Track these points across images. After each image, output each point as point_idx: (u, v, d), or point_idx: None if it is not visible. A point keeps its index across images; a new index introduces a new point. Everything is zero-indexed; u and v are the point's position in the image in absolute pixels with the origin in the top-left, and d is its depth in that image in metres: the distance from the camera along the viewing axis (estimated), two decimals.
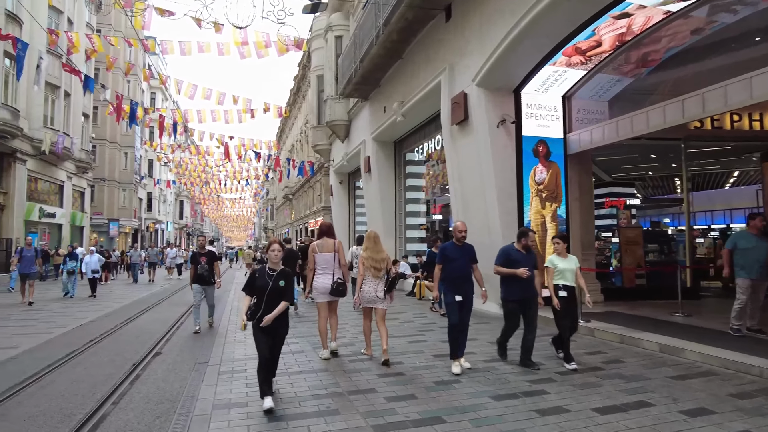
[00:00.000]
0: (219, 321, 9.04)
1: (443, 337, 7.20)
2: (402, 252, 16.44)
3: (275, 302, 4.23)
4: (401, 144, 16.66)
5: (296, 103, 47.17)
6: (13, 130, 17.57)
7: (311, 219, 37.69)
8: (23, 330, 8.22)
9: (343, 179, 23.97)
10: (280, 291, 4.27)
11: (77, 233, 26.47)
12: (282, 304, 4.26)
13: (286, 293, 4.30)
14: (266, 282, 4.26)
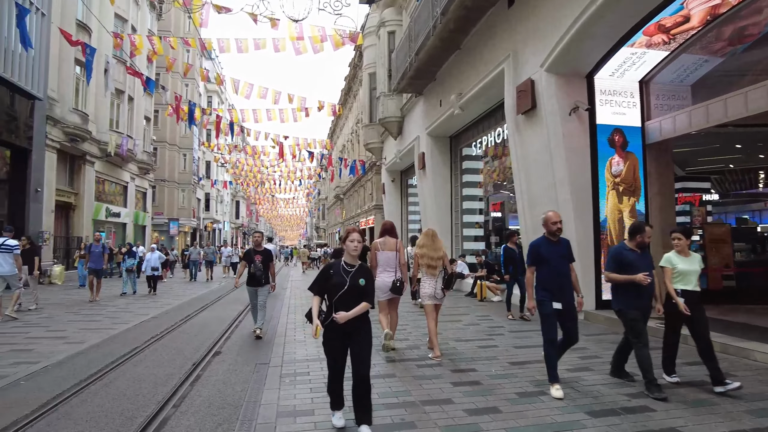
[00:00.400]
0: (277, 319, 8.85)
1: (516, 342, 6.66)
2: (459, 251, 15.85)
3: (352, 305, 3.45)
4: (457, 139, 16.06)
5: (347, 102, 47.33)
6: (83, 134, 18.40)
7: (362, 218, 37.62)
8: (90, 325, 8.33)
9: (395, 177, 23.61)
10: (360, 291, 3.49)
11: (140, 232, 27.56)
12: (362, 304, 3.47)
13: (366, 294, 3.51)
14: (342, 280, 3.48)
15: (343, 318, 3.39)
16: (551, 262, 4.61)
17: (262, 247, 7.72)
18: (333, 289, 3.51)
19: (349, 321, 3.41)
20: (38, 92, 15.56)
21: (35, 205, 15.60)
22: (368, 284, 3.56)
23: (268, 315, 9.33)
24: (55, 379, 4.98)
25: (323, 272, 3.65)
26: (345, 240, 3.64)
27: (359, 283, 3.51)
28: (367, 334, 3.57)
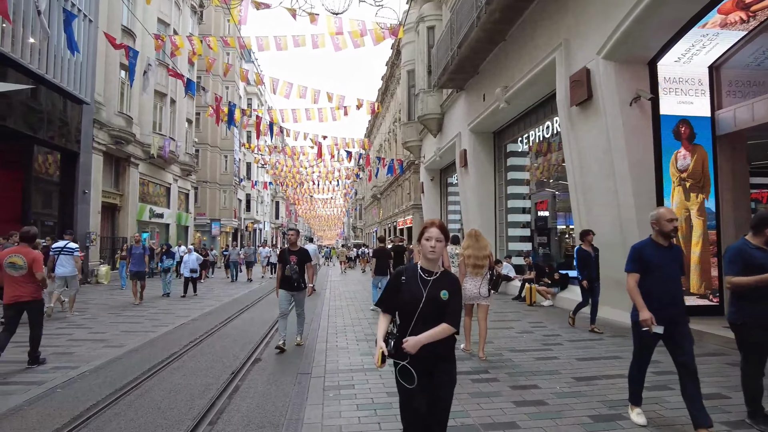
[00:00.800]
0: (317, 322, 8.55)
1: (578, 353, 6.07)
2: (503, 252, 15.18)
3: (431, 323, 2.50)
4: (501, 134, 15.40)
5: (385, 102, 47.03)
6: (127, 136, 18.80)
7: (400, 218, 37.21)
8: (131, 327, 8.26)
9: (434, 176, 23.07)
10: (440, 308, 2.52)
11: (183, 232, 28.09)
12: (441, 326, 2.48)
13: (450, 313, 2.53)
14: (417, 291, 2.54)
15: (413, 345, 2.43)
16: (662, 270, 3.65)
17: (297, 246, 6.95)
18: (405, 304, 2.57)
19: (424, 351, 2.45)
20: (86, 97, 15.93)
21: (83, 206, 15.98)
22: (453, 299, 2.55)
23: (308, 317, 9.14)
24: (90, 388, 4.79)
25: (393, 281, 2.70)
26: (421, 237, 2.65)
27: (440, 297, 2.53)
28: (449, 376, 2.55)
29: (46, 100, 14.21)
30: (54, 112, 14.59)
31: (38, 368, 5.50)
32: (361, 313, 9.70)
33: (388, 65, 39.91)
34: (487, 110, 13.94)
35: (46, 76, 13.82)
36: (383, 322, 2.66)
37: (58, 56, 14.46)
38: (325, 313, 9.73)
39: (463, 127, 16.33)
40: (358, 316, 9.37)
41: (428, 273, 2.61)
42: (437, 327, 2.48)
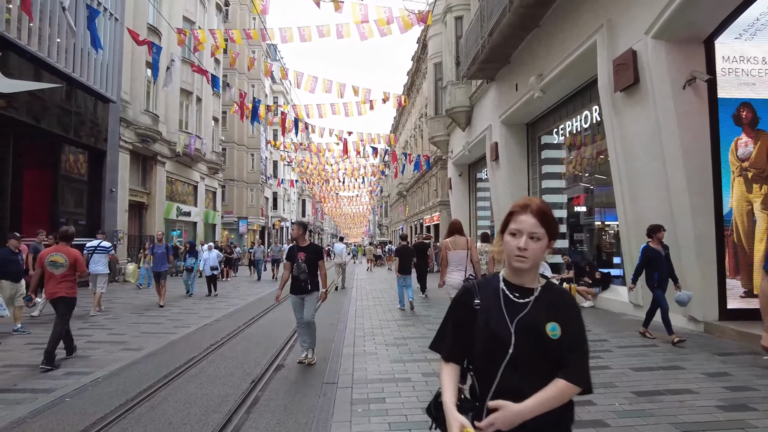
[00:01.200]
0: (344, 323, 8.12)
1: (632, 362, 5.44)
2: None
3: (533, 376, 1.47)
4: (535, 126, 14.67)
5: (410, 97, 46.41)
6: (153, 135, 18.80)
7: (426, 215, 36.60)
8: (151, 328, 8.00)
9: (462, 171, 22.40)
10: (547, 348, 1.48)
11: (210, 230, 28.19)
12: (559, 385, 1.44)
13: (570, 357, 1.47)
14: (503, 324, 1.53)
15: (510, 422, 1.42)
16: None
17: (306, 241, 5.94)
18: (483, 345, 1.56)
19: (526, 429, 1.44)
20: (113, 95, 15.92)
21: (110, 204, 16.00)
22: (572, 334, 1.51)
23: (329, 317, 8.82)
24: (100, 397, 4.46)
25: (457, 307, 1.68)
26: (504, 229, 1.67)
27: (546, 333, 1.49)
28: None
29: (74, 100, 14.21)
30: (81, 112, 14.60)
31: (51, 373, 5.23)
32: (389, 314, 9.23)
33: (414, 60, 39.30)
34: (520, 100, 13.27)
35: (73, 75, 13.81)
36: (448, 377, 1.64)
37: (84, 55, 14.44)
38: (352, 313, 9.30)
39: (493, 119, 15.66)
40: (386, 317, 8.90)
41: (520, 291, 1.59)
42: (550, 386, 1.44)
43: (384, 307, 10.39)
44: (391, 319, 8.70)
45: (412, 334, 7.20)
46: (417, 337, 6.91)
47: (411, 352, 5.98)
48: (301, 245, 5.87)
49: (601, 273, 10.51)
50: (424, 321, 8.42)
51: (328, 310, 10.12)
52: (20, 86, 11.77)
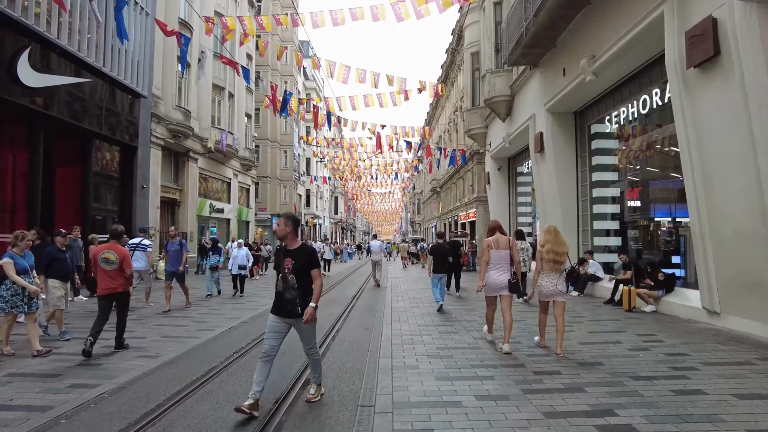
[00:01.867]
0: (379, 329, 7.38)
1: (728, 385, 4.49)
2: (587, 248, 13.37)
3: None
4: (584, 114, 13.56)
5: (445, 91, 45.32)
6: (185, 130, 18.57)
7: (461, 212, 35.52)
8: (173, 331, 7.47)
9: (501, 165, 21.34)
10: None
11: (244, 228, 28.04)
12: None
13: None
14: None
15: None
16: None
17: (297, 242, 4.28)
18: None
19: None
20: (144, 90, 15.69)
21: (142, 201, 15.80)
22: None
23: (363, 320, 8.16)
24: (99, 420, 3.84)
25: None
26: None
27: None
28: None
29: (105, 95, 14.00)
30: (112, 107, 14.39)
31: (54, 385, 4.70)
32: (428, 318, 8.44)
33: (449, 52, 38.22)
34: (568, 86, 12.22)
35: (104, 69, 13.57)
36: None
37: (115, 50, 14.20)
38: (388, 317, 8.55)
39: (537, 107, 14.62)
40: (425, 321, 8.12)
41: None
42: None
43: (422, 309, 9.61)
44: (430, 323, 7.91)
45: (457, 343, 6.39)
46: (463, 348, 6.10)
47: (458, 367, 5.19)
48: (289, 248, 4.28)
49: (664, 274, 9.40)
50: (467, 327, 7.59)
51: (362, 313, 9.40)
52: (49, 81, 11.56)
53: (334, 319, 8.64)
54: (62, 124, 12.45)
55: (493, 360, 5.50)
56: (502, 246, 6.08)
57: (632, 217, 12.30)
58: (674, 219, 10.59)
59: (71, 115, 12.61)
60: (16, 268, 5.97)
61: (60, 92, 12.16)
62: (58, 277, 6.98)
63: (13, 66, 10.54)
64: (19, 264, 6.03)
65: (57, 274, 6.96)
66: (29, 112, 11.34)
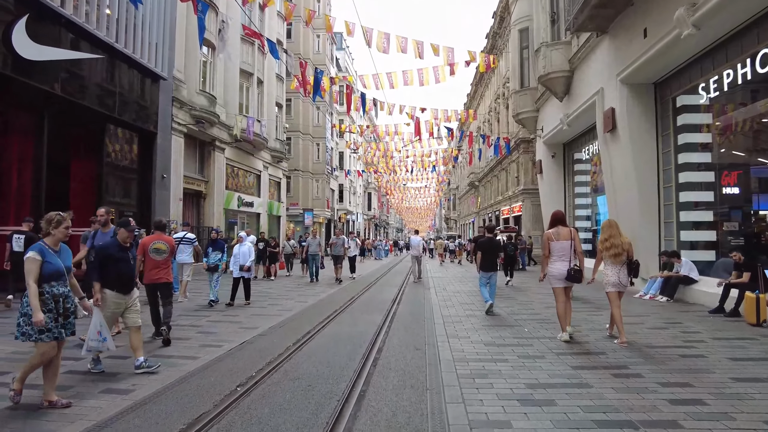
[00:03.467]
0: (432, 338, 5.60)
1: None
2: (672, 244, 11.20)
3: None
4: (667, 85, 11.36)
5: (484, 79, 42.97)
6: (210, 117, 17.23)
7: (504, 206, 33.25)
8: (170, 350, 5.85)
9: (555, 152, 19.14)
10: None
11: (274, 222, 26.74)
12: None
13: None
14: None
15: None
16: None
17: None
18: None
19: None
20: (163, 71, 14.39)
21: (161, 192, 14.52)
22: None
23: (409, 335, 6.13)
24: None
25: None
26: None
27: None
28: None
29: (119, 75, 12.73)
30: (126, 89, 13.11)
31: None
32: (492, 332, 6.61)
33: (489, 37, 35.91)
34: (651, 50, 10.12)
35: (117, 45, 12.28)
36: None
37: (130, 27, 12.91)
38: (441, 330, 6.76)
39: (607, 80, 12.50)
40: (491, 337, 6.28)
41: None
42: None
43: (480, 319, 7.79)
44: (499, 340, 6.08)
45: (551, 376, 4.54)
46: (564, 385, 4.25)
47: (574, 426, 3.36)
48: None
49: None
50: (552, 347, 5.73)
51: (407, 324, 7.62)
52: (51, 54, 10.27)
53: (373, 331, 6.90)
54: (70, 105, 11.20)
55: (616, 405, 3.65)
56: (563, 237, 6.14)
57: (732, 206, 10.08)
58: None
59: (79, 95, 11.34)
60: (45, 269, 3.84)
61: (66, 69, 10.90)
62: (118, 287, 4.84)
63: (8, 35, 9.26)
64: (51, 263, 3.89)
65: (115, 283, 4.83)
66: (31, 91, 10.08)
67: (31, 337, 3.75)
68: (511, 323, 7.38)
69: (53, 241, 3.99)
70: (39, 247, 3.87)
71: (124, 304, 4.90)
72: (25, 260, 3.82)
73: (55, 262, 3.90)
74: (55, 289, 3.88)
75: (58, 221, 3.99)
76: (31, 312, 3.68)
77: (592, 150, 16.49)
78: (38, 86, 10.09)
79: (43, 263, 3.82)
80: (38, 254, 3.82)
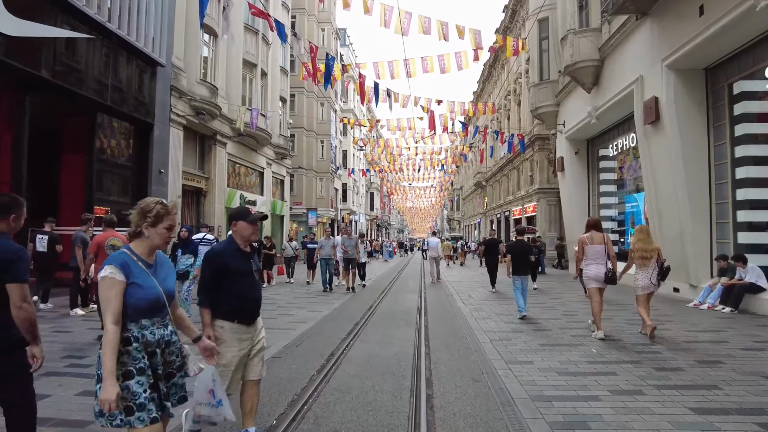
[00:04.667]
0: (494, 378, 4.46)
1: None
2: (723, 247, 10.05)
3: None
4: (724, 69, 10.21)
5: (492, 77, 41.81)
6: (211, 108, 16.04)
7: (516, 206, 32.07)
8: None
9: (579, 148, 18.00)
10: None
11: (278, 222, 25.58)
12: None
13: None
14: None
15: None
16: None
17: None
18: None
19: None
20: (161, 57, 13.23)
21: (158, 188, 13.33)
22: None
23: (449, 360, 4.90)
24: None
25: None
26: None
27: None
28: None
29: (111, 58, 11.56)
30: (120, 74, 11.94)
31: None
32: (557, 353, 5.44)
33: (499, 32, 34.76)
34: (708, 30, 9.02)
35: (109, 25, 11.11)
36: None
37: (125, 6, 11.74)
38: (489, 348, 5.60)
39: (648, 67, 11.36)
40: (558, 362, 5.12)
41: None
42: None
43: (531, 335, 6.65)
44: (574, 368, 4.92)
45: (676, 425, 3.38)
46: None
47: None
48: None
49: None
50: (647, 378, 4.57)
51: (447, 341, 6.43)
52: (32, 30, 9.09)
53: (409, 352, 5.72)
54: (56, 90, 10.05)
55: None
56: (597, 242, 6.53)
57: None
58: None
59: (68, 79, 10.18)
60: (133, 299, 2.24)
61: (52, 49, 9.76)
62: (240, 315, 3.04)
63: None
64: (143, 287, 2.28)
65: (236, 310, 3.03)
66: (10, 71, 8.92)
67: (116, 421, 2.11)
68: (568, 340, 6.22)
69: (147, 248, 2.35)
70: (121, 260, 2.25)
71: (250, 343, 3.06)
72: (99, 282, 2.23)
73: (149, 285, 2.27)
74: (148, 333, 2.25)
75: (158, 214, 2.33)
76: None
77: (622, 145, 15.35)
78: (18, 66, 8.93)
79: (129, 287, 2.22)
80: (120, 271, 2.20)
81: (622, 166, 15.90)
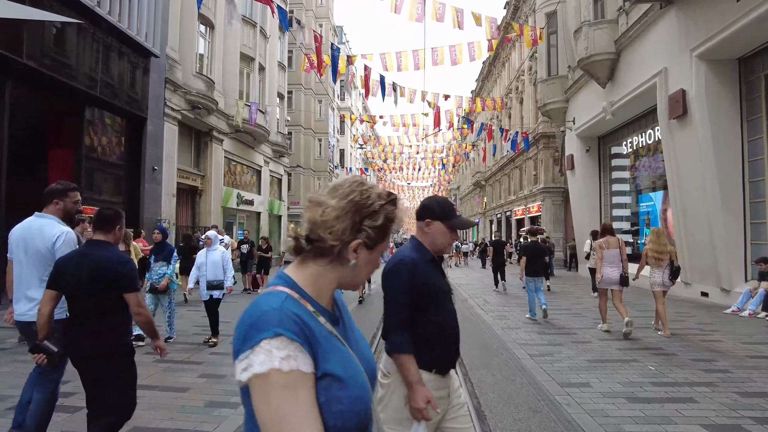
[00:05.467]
0: (553, 406, 3.76)
1: None
2: (761, 250, 9.43)
3: None
4: (760, 58, 9.59)
5: (492, 74, 41.21)
6: (208, 103, 15.25)
7: (518, 206, 31.45)
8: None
9: (590, 146, 17.37)
10: None
11: (275, 222, 24.79)
12: None
13: None
14: None
15: None
16: None
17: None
18: None
19: None
20: (155, 47, 12.45)
21: (152, 186, 12.54)
22: None
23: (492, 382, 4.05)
24: None
25: None
26: None
27: None
28: None
29: (103, 48, 10.78)
30: (111, 64, 11.16)
31: None
32: (613, 373, 4.76)
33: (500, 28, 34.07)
34: (748, 17, 8.37)
35: (99, 10, 10.32)
36: None
37: None
38: (537, 371, 4.91)
39: (675, 58, 10.72)
40: (618, 382, 4.43)
41: None
42: None
43: (575, 349, 5.98)
44: (641, 392, 4.24)
45: None
46: None
47: None
48: None
49: None
50: (733, 407, 3.89)
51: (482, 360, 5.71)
52: (12, 11, 8.26)
53: None
54: (41, 79, 9.26)
55: None
56: (612, 246, 6.93)
57: None
58: None
59: (53, 67, 9.39)
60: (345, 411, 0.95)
61: (34, 33, 8.97)
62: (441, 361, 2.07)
63: None
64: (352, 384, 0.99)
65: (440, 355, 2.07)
66: None
67: None
68: (616, 355, 5.54)
69: (333, 285, 1.14)
70: (293, 316, 0.96)
71: (447, 400, 2.09)
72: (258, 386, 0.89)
73: (352, 374, 1.01)
74: None
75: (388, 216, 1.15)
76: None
77: (637, 142, 14.75)
78: None
79: (321, 384, 0.95)
80: (303, 350, 0.94)
81: (636, 164, 15.29)
